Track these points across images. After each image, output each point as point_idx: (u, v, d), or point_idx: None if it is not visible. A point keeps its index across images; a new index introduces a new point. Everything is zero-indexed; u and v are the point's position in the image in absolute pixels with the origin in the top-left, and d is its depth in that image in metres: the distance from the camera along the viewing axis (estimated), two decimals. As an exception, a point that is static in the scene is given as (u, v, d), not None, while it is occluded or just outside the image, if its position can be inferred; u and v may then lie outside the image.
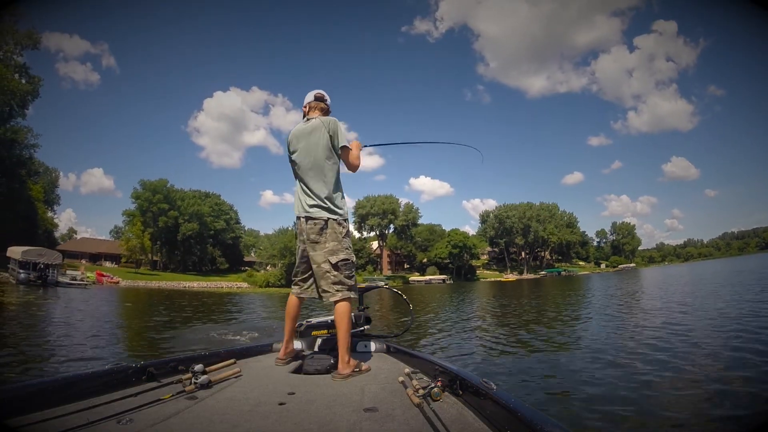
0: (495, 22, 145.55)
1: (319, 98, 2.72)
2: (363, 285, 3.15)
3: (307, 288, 2.64)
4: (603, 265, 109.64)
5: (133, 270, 60.28)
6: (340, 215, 2.55)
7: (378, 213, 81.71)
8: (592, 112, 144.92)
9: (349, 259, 2.53)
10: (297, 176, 2.63)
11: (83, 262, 60.34)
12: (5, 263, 32.91)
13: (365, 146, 2.88)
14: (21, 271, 30.08)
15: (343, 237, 2.53)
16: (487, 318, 13.38)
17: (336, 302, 2.44)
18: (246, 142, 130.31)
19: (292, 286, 2.70)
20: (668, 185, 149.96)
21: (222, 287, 53.63)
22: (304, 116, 2.73)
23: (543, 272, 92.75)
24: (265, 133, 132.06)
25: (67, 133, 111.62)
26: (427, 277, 77.17)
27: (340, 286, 2.46)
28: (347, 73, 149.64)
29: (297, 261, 2.67)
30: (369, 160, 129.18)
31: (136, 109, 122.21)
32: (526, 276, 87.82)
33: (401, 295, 3.63)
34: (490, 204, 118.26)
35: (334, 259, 2.48)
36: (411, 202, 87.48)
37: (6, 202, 39.57)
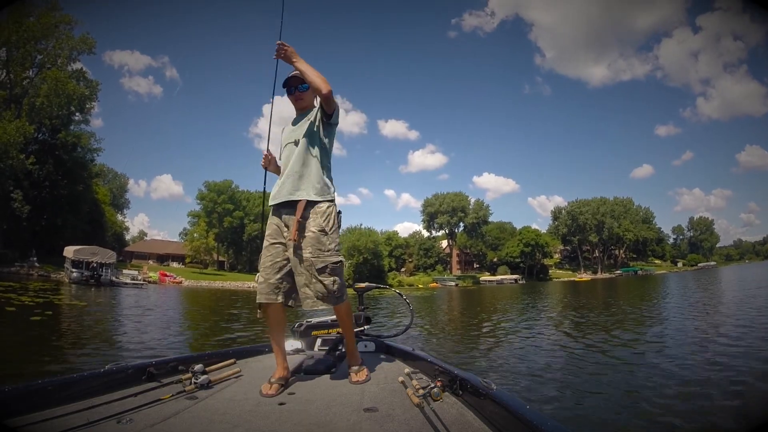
0: (548, 10, 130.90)
1: None
2: (363, 285, 2.95)
3: None
4: (680, 264, 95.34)
5: (199, 270, 57.17)
6: None
7: (447, 211, 73.70)
8: (659, 100, 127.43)
9: None
10: None
11: (150, 262, 58.41)
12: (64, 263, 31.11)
13: None
14: (74, 270, 28.39)
15: None
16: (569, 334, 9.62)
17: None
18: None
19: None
20: (743, 176, 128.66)
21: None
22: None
23: (618, 271, 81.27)
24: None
25: (136, 142, 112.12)
26: (499, 277, 69.86)
27: None
28: (399, 72, 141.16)
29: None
30: (431, 159, 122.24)
31: (199, 118, 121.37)
32: (600, 275, 77.03)
33: (401, 295, 3.29)
34: (557, 201, 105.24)
35: None
36: (481, 200, 79.18)
37: (69, 204, 37.08)
